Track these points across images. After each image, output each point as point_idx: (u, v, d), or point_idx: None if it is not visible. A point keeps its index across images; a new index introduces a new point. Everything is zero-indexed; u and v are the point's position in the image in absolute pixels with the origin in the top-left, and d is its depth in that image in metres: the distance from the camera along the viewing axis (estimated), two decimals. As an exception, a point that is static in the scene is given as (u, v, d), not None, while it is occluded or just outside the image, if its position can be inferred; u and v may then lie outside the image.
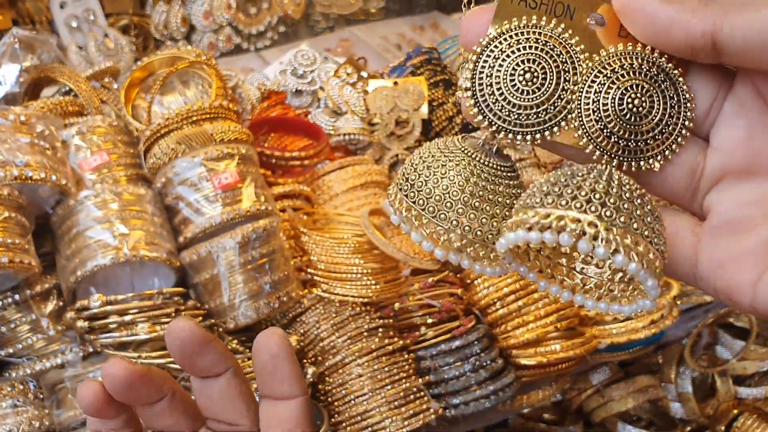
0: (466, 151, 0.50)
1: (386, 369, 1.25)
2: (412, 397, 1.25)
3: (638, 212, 0.44)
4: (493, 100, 0.49)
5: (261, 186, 1.28)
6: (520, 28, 0.49)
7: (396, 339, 1.29)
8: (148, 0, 2.12)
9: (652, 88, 0.47)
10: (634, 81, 0.47)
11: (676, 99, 0.48)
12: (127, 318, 1.15)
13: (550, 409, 1.76)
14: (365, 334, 1.27)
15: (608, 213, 0.43)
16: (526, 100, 0.48)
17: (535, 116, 0.49)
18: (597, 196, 0.43)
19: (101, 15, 1.99)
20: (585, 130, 0.48)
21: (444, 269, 1.38)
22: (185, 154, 1.24)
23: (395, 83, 1.69)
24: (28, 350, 1.18)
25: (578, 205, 0.43)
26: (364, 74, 1.72)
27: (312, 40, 2.30)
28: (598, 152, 0.48)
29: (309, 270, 1.31)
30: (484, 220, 0.48)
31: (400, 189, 0.51)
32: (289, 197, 1.40)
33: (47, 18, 1.94)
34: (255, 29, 2.25)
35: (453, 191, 0.48)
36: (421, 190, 0.49)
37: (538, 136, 0.49)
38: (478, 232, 0.48)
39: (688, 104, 0.48)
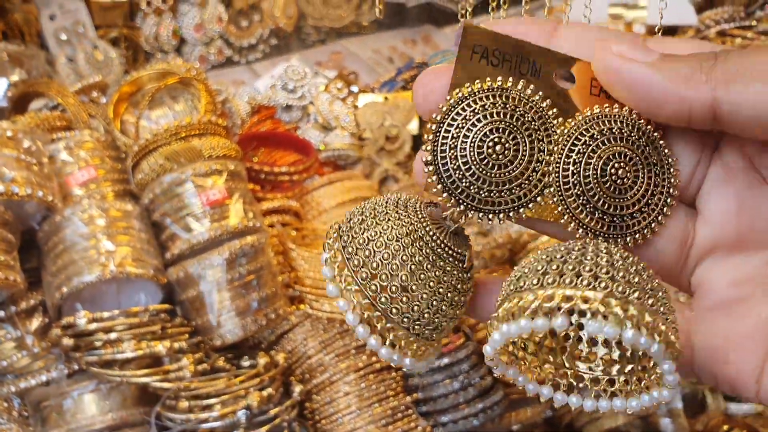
0: (423, 224, 0.44)
1: (374, 387, 1.24)
2: (400, 415, 1.25)
3: (649, 286, 0.39)
4: (460, 176, 0.43)
5: (249, 202, 1.27)
6: (484, 91, 0.43)
7: (384, 356, 1.28)
8: (138, 12, 2.11)
9: (635, 155, 0.43)
10: (616, 148, 0.42)
11: (659, 165, 0.43)
12: (113, 335, 1.14)
13: (540, 426, 1.75)
14: (353, 351, 1.27)
15: (620, 289, 0.38)
16: (497, 175, 0.43)
17: (508, 192, 0.43)
18: (603, 270, 0.38)
19: (91, 27, 1.99)
20: (565, 206, 0.43)
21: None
22: (173, 170, 1.24)
23: (386, 98, 1.69)
24: (12, 367, 1.17)
25: (585, 282, 0.38)
26: (355, 89, 1.72)
27: (303, 53, 2.30)
28: (581, 230, 0.43)
29: (297, 286, 1.31)
30: (417, 306, 0.43)
31: (340, 236, 0.45)
32: (277, 213, 1.40)
33: (37, 30, 1.93)
34: (246, 42, 2.25)
35: (393, 264, 0.42)
36: (361, 249, 0.43)
37: (511, 214, 0.43)
38: (407, 318, 0.43)
39: (672, 170, 0.44)
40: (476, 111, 0.43)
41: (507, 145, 0.42)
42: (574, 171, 0.42)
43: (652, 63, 0.41)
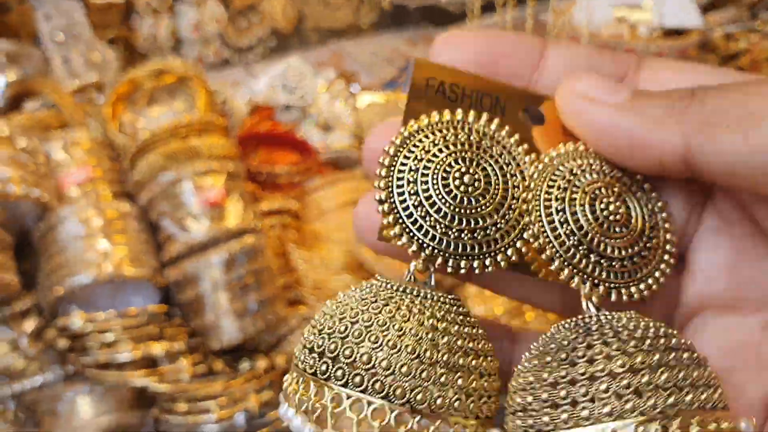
0: (401, 290, 0.35)
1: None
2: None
3: (677, 369, 0.32)
4: (422, 213, 0.35)
5: (248, 202, 1.25)
6: (443, 123, 0.37)
7: (385, 359, 1.26)
8: (135, 13, 2.09)
9: (624, 189, 0.37)
10: (601, 183, 0.36)
11: (651, 208, 0.37)
12: (110, 337, 1.12)
13: None
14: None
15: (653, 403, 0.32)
16: (468, 211, 0.35)
17: (481, 233, 0.35)
18: (646, 381, 0.31)
19: (87, 27, 1.97)
20: (554, 249, 0.35)
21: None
22: (171, 169, 1.22)
23: (386, 98, 1.67)
24: (7, 370, 1.15)
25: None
26: (355, 88, 1.70)
27: (303, 54, 2.28)
28: (576, 277, 0.35)
29: (297, 288, 1.29)
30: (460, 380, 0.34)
31: (312, 370, 0.34)
32: (277, 213, 1.38)
33: (32, 30, 1.91)
34: (245, 43, 2.23)
35: (419, 354, 0.33)
36: (359, 363, 0.33)
37: (488, 261, 0.36)
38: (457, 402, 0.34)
39: (665, 215, 0.38)
40: (436, 141, 0.37)
41: (476, 176, 0.36)
42: (559, 208, 0.36)
43: (620, 104, 0.36)
